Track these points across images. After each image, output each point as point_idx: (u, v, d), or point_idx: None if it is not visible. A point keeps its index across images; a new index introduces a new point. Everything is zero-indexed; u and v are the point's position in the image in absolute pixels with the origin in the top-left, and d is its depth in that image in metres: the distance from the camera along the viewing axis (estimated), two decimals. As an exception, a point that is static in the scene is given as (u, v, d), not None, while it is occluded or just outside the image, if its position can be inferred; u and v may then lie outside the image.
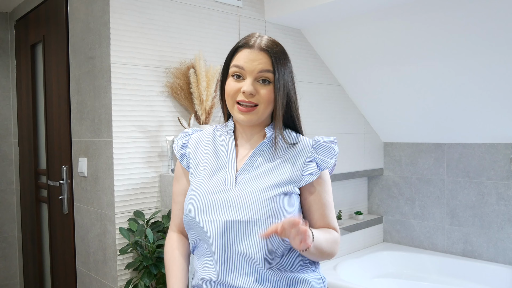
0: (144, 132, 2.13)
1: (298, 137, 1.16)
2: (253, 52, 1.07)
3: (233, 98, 1.08)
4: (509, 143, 2.66)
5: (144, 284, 1.91)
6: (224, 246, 1.05)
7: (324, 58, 2.95)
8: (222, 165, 1.13)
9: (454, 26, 2.29)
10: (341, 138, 3.04)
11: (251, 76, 1.06)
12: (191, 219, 1.10)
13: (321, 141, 1.14)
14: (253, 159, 1.12)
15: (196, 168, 1.16)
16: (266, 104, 1.08)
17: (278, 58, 1.08)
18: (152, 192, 2.17)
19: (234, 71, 1.08)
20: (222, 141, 1.17)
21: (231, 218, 1.04)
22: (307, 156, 1.11)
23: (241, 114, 1.08)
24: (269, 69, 1.07)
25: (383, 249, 3.07)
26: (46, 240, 2.75)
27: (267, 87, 1.07)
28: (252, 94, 1.06)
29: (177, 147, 1.21)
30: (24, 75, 2.93)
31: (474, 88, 2.52)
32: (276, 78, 1.07)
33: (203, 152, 1.18)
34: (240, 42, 1.11)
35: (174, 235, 1.24)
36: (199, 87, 2.14)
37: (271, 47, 1.08)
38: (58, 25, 2.41)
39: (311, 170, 1.10)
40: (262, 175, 1.09)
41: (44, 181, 2.71)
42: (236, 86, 1.07)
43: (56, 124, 2.51)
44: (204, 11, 2.34)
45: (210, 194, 1.09)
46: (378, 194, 3.32)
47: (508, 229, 2.69)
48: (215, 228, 1.05)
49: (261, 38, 1.10)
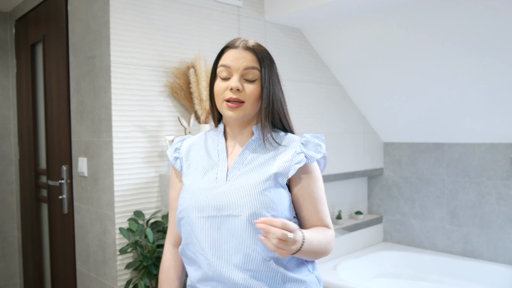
0: (144, 132, 2.13)
1: (286, 135, 1.18)
2: (238, 51, 1.12)
3: (222, 97, 1.12)
4: (509, 143, 2.66)
5: (144, 284, 1.91)
6: (217, 242, 1.07)
7: (324, 58, 2.95)
8: (213, 165, 1.16)
9: (454, 26, 2.29)
10: (341, 138, 3.04)
11: (237, 73, 1.10)
12: (184, 216, 1.12)
13: (309, 138, 1.16)
14: (243, 156, 1.15)
15: (188, 168, 1.19)
16: (253, 101, 1.11)
17: (263, 57, 1.13)
18: (152, 192, 2.17)
19: (221, 71, 1.12)
20: (213, 142, 1.21)
21: (222, 213, 1.07)
22: (296, 149, 1.13)
23: (229, 110, 1.11)
24: (254, 66, 1.11)
25: (383, 249, 3.07)
26: (46, 240, 2.75)
27: (254, 85, 1.11)
28: (239, 90, 1.09)
29: (170, 152, 1.25)
30: (24, 75, 2.93)
31: (474, 88, 2.52)
32: (262, 75, 1.11)
33: (195, 154, 1.21)
34: (226, 44, 1.16)
35: (171, 250, 1.26)
36: (199, 86, 2.14)
37: (256, 47, 1.13)
38: (58, 25, 2.41)
39: (299, 159, 1.12)
40: (251, 171, 1.11)
41: (44, 181, 2.71)
42: (224, 85, 1.11)
43: (56, 124, 2.51)
44: (204, 11, 2.34)
45: (202, 190, 1.11)
46: (378, 194, 3.32)
47: (508, 229, 2.69)
48: (207, 223, 1.08)
49: (246, 40, 1.15)
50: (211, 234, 1.08)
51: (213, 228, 1.08)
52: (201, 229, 1.09)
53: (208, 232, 1.08)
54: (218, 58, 1.16)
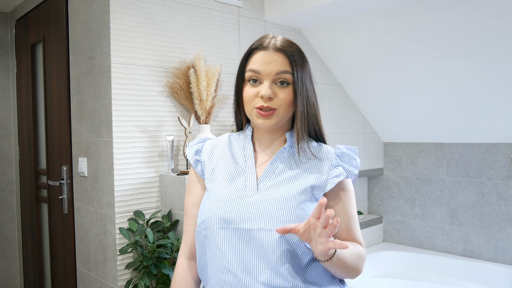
0: (144, 132, 2.13)
1: (320, 146, 1.09)
2: (268, 54, 1.01)
3: (252, 104, 1.02)
4: (509, 143, 2.66)
5: (144, 284, 1.91)
6: (246, 257, 0.97)
7: (324, 58, 2.95)
8: (240, 171, 1.06)
9: (454, 26, 2.29)
10: (341, 138, 3.04)
11: (268, 79, 1.01)
12: (208, 227, 1.01)
13: (344, 150, 1.08)
14: (274, 165, 1.05)
15: (212, 173, 1.09)
16: (286, 107, 1.01)
17: (296, 58, 1.02)
18: (152, 192, 2.17)
19: (250, 76, 1.03)
20: (239, 146, 1.11)
21: (254, 227, 0.97)
22: (332, 162, 1.05)
23: (260, 119, 1.01)
24: (286, 70, 1.01)
25: (383, 249, 3.07)
26: (46, 240, 2.75)
27: (286, 89, 1.01)
28: (270, 98, 1.00)
29: (190, 153, 1.14)
30: (24, 75, 2.93)
31: (474, 88, 2.52)
32: (295, 79, 1.01)
33: (219, 157, 1.11)
34: (254, 44, 1.05)
35: (184, 262, 1.14)
36: (199, 87, 2.14)
37: (287, 46, 1.02)
38: (58, 25, 2.41)
39: (337, 173, 1.03)
40: (285, 182, 1.02)
41: (44, 181, 2.71)
42: (254, 91, 1.02)
43: (56, 124, 2.51)
44: (204, 11, 2.34)
45: (231, 199, 1.01)
46: (378, 194, 3.32)
47: (508, 229, 2.69)
48: (236, 236, 0.98)
49: (275, 38, 1.04)
50: (240, 248, 0.97)
51: (242, 241, 0.97)
52: (229, 242, 0.98)
53: (236, 245, 0.98)
54: (246, 60, 1.05)
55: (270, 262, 0.96)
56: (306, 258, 0.99)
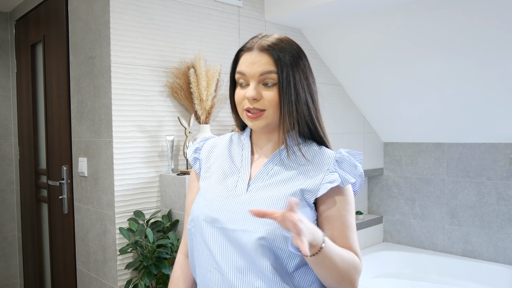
0: (144, 132, 2.13)
1: (320, 149, 1.05)
2: (252, 55, 1.00)
3: (241, 106, 1.02)
4: (509, 143, 2.66)
5: (144, 284, 1.91)
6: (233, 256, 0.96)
7: (324, 58, 2.95)
8: (235, 170, 1.06)
9: (454, 26, 2.29)
10: (341, 138, 3.04)
11: (254, 80, 0.99)
12: (196, 224, 1.02)
13: (345, 155, 1.02)
14: (268, 167, 1.03)
15: (207, 171, 1.09)
16: (275, 108, 0.99)
17: (282, 56, 0.98)
18: (152, 192, 2.17)
19: (238, 78, 1.02)
20: (238, 146, 1.11)
21: (237, 227, 0.96)
22: (329, 167, 1.01)
23: (249, 120, 1.01)
24: (271, 70, 0.98)
25: (383, 249, 3.07)
26: (46, 240, 2.75)
27: (272, 90, 0.99)
28: (256, 99, 0.98)
29: (190, 152, 1.15)
30: (24, 75, 2.93)
31: (474, 88, 2.52)
32: (280, 78, 0.97)
33: (216, 156, 1.11)
34: (241, 46, 1.04)
35: (182, 260, 1.15)
36: (199, 87, 2.14)
37: (274, 45, 0.99)
38: (58, 25, 2.41)
39: (331, 179, 0.99)
40: (276, 185, 1.00)
41: (44, 181, 2.71)
42: (242, 93, 1.01)
43: (56, 124, 2.51)
44: (204, 11, 2.34)
45: (219, 198, 1.01)
46: (378, 194, 3.32)
47: (508, 229, 2.69)
48: (221, 235, 0.97)
49: (265, 38, 1.02)
50: (226, 247, 0.96)
51: (228, 241, 0.96)
52: (215, 241, 0.97)
53: (222, 245, 0.97)
54: (235, 62, 1.05)
55: (254, 264, 0.94)
56: (292, 263, 0.96)
